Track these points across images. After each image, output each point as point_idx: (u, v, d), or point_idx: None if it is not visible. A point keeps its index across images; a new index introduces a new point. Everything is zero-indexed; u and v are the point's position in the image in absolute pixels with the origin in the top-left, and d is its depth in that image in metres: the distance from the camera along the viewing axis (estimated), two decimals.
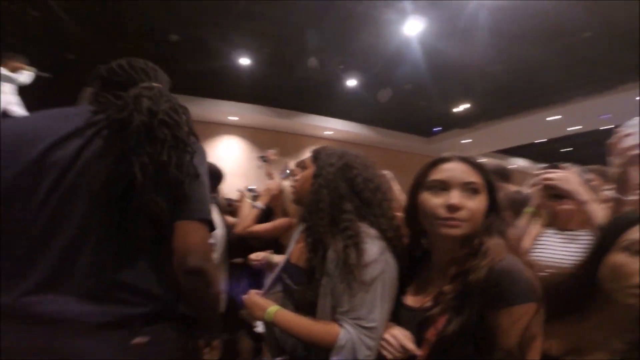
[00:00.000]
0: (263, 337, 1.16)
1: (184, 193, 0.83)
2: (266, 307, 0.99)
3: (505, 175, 2.19)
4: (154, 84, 0.92)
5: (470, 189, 0.85)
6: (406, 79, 7.75)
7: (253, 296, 1.06)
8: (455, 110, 9.26)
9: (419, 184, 0.92)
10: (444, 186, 0.86)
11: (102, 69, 0.98)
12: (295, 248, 1.16)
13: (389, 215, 1.01)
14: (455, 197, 0.83)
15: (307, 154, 1.18)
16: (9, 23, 5.62)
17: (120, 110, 0.82)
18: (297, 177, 1.16)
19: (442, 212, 0.83)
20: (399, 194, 1.83)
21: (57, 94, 3.81)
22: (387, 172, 1.92)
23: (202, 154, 0.94)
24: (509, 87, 7.47)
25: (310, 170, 1.08)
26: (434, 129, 10.99)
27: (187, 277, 0.83)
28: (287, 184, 2.20)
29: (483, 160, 0.97)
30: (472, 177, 0.86)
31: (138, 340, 0.77)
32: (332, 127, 10.35)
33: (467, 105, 8.70)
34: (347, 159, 1.04)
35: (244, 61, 7.49)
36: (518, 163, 12.36)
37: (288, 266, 1.14)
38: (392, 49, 6.54)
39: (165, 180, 0.80)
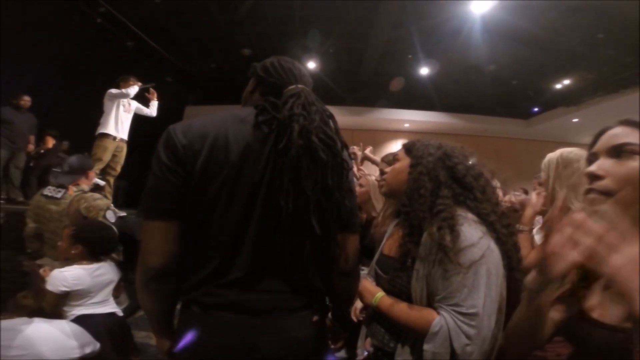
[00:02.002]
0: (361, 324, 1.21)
1: (345, 209, 0.95)
2: (375, 292, 1.02)
3: None
4: (300, 86, 0.95)
5: None
6: (487, 60, 6.92)
7: (365, 282, 1.10)
8: (557, 87, 7.90)
9: None
10: None
11: (258, 68, 1.02)
12: (389, 241, 1.16)
13: (493, 200, 0.97)
14: None
15: (388, 149, 1.11)
16: (110, 54, 6.72)
17: (279, 136, 0.86)
18: (388, 170, 1.14)
19: None
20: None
21: (163, 111, 4.54)
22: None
23: (352, 166, 1.02)
24: (616, 57, 6.01)
25: (405, 162, 1.07)
26: (533, 110, 9.55)
27: (342, 277, 1.01)
28: (372, 179, 2.16)
29: None
30: None
31: (316, 318, 0.95)
32: (409, 119, 9.82)
33: (567, 82, 7.32)
34: (446, 149, 1.03)
35: (311, 65, 7.62)
36: None
37: (381, 258, 1.15)
38: (463, 31, 5.91)
39: (330, 200, 0.89)
